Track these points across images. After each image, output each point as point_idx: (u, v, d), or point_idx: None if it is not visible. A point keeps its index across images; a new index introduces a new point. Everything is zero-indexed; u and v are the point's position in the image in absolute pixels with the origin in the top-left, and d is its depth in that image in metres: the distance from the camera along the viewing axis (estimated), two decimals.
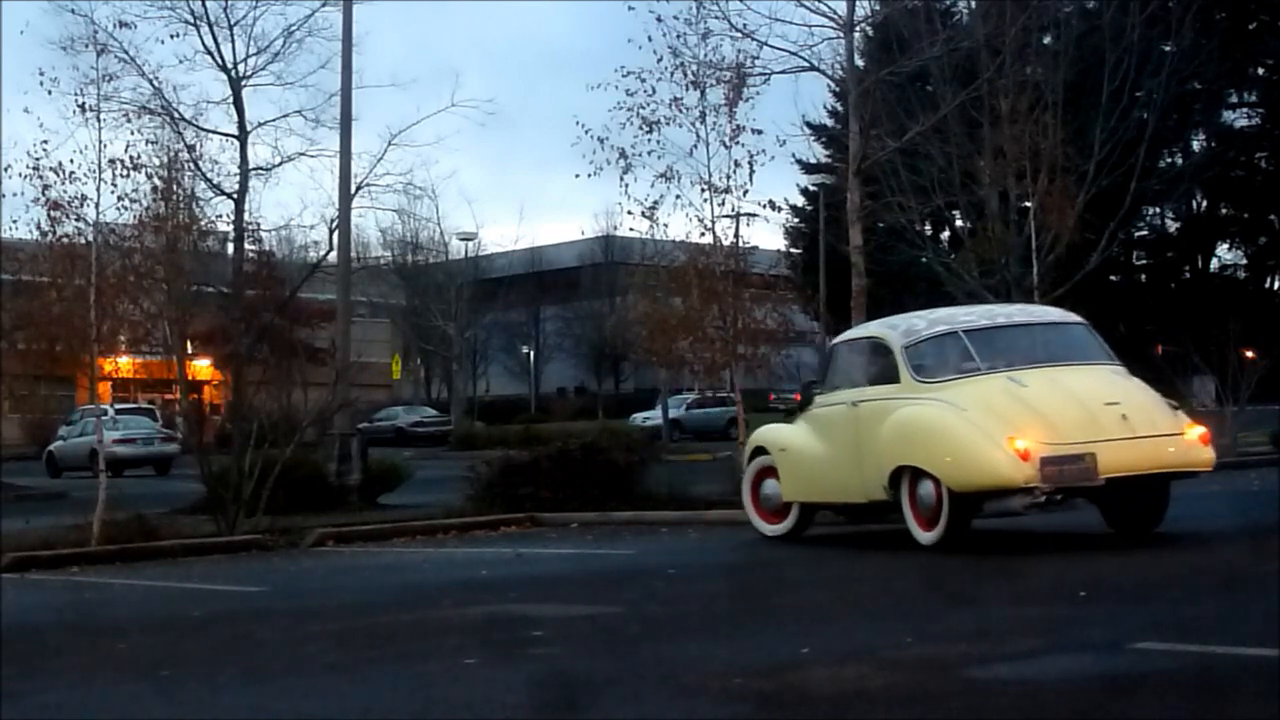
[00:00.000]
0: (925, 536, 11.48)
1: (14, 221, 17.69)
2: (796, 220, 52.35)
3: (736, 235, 20.29)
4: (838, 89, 33.68)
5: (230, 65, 32.10)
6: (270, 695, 7.11)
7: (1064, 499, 11.40)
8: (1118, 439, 10.97)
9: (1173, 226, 50.78)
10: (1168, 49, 25.10)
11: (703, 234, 19.65)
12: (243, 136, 31.85)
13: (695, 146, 19.14)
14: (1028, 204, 20.39)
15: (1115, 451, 10.90)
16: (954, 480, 11.19)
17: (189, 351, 27.61)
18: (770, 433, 14.13)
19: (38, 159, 16.43)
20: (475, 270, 59.59)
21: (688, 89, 18.97)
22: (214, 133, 31.35)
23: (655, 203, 19.29)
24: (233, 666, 8.02)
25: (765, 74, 18.92)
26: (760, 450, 13.89)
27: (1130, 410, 11.21)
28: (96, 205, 16.82)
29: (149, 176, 17.87)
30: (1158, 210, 47.98)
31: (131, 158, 17.31)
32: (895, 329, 12.65)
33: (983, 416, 11.22)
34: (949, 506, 11.25)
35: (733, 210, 19.82)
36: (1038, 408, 11.20)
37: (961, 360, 12.03)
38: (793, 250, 52.57)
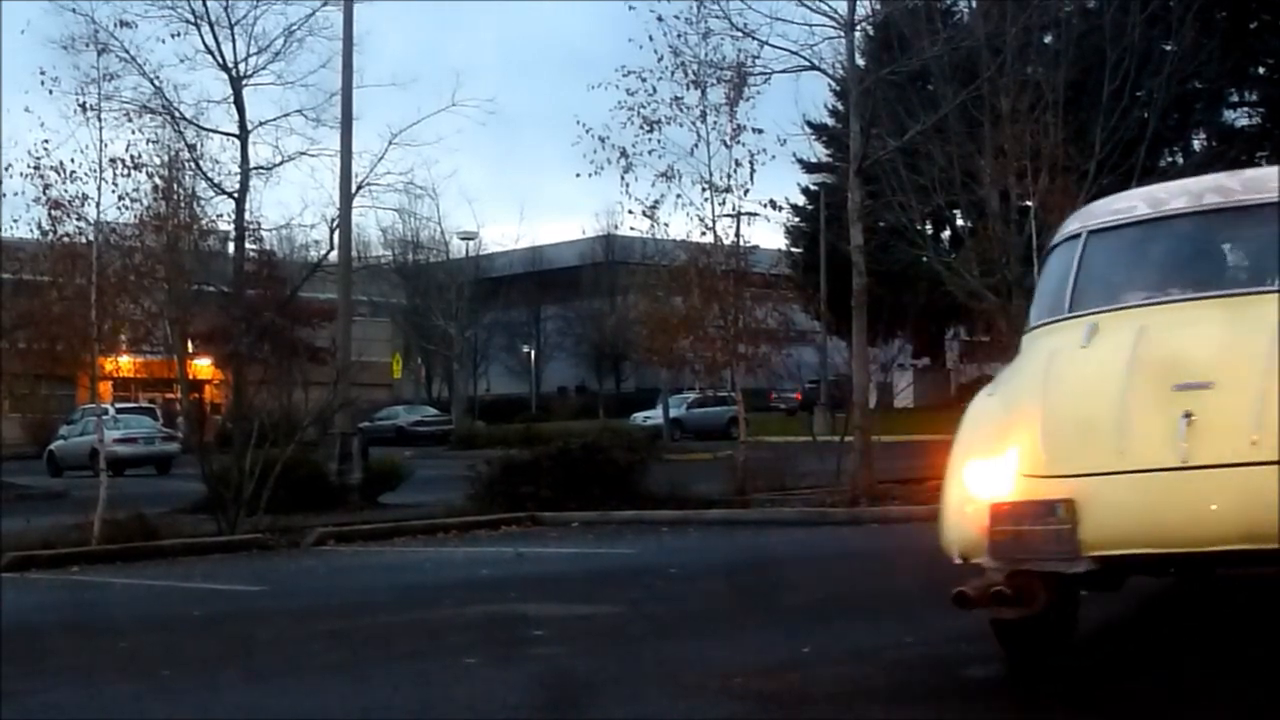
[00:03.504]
0: None
1: (14, 221, 17.77)
2: (797, 219, 52.36)
3: (737, 234, 20.38)
4: (838, 88, 33.65)
5: (231, 65, 32.01)
6: (270, 695, 7.10)
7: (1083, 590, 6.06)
8: (1145, 470, 5.35)
9: None
10: (1168, 48, 25.03)
11: (703, 233, 19.75)
12: (243, 136, 31.77)
13: (696, 146, 19.24)
14: (1029, 203, 20.35)
15: (1126, 497, 5.37)
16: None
17: (190, 351, 27.55)
18: None
19: (38, 158, 16.47)
20: (476, 269, 59.65)
21: (688, 88, 19.05)
22: (215, 132, 31.30)
23: (656, 202, 19.39)
24: (233, 666, 8.01)
25: (766, 73, 18.96)
26: None
27: (1212, 407, 5.35)
28: (97, 204, 16.85)
29: (150, 176, 17.92)
30: None
31: (132, 157, 17.35)
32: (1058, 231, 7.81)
33: (999, 408, 6.11)
34: None
35: (733, 209, 19.91)
36: (1061, 392, 5.89)
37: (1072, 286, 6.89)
38: (793, 249, 52.60)
